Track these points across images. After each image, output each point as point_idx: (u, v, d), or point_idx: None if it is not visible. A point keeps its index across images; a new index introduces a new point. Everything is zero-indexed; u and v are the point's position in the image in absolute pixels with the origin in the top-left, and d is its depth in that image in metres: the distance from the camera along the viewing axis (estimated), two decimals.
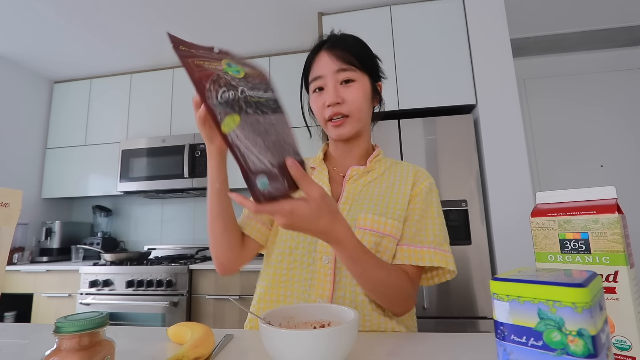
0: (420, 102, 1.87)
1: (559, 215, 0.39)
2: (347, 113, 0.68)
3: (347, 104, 0.67)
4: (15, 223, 0.43)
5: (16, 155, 2.51)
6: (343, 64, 0.67)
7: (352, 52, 0.69)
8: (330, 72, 0.68)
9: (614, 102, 2.53)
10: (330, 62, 0.68)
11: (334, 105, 0.67)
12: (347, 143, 0.74)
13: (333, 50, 0.69)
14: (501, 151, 1.72)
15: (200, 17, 2.12)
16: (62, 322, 0.35)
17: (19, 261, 2.32)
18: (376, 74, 0.74)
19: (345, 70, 0.67)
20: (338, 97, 0.67)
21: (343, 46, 0.69)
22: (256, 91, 0.43)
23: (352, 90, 0.68)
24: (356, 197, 0.70)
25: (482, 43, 1.84)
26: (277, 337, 0.41)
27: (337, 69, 0.67)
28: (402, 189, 0.71)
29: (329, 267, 0.65)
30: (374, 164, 0.74)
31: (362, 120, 0.71)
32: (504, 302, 0.29)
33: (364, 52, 0.71)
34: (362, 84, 0.69)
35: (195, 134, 2.37)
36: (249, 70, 0.45)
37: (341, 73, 0.67)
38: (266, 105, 0.43)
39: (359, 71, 0.69)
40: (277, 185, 0.43)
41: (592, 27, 2.34)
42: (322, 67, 0.69)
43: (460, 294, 1.62)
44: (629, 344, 0.34)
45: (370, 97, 0.72)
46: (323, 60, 0.69)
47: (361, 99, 0.68)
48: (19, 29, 2.17)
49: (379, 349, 0.51)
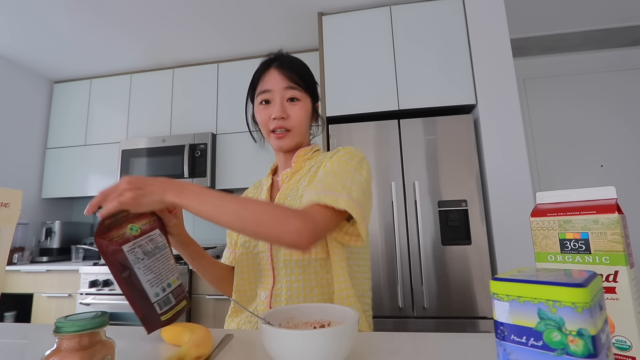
0: (420, 102, 1.87)
1: (559, 215, 0.39)
2: (290, 128, 0.75)
3: (290, 120, 0.75)
4: (15, 223, 0.43)
5: (16, 155, 2.51)
6: (291, 83, 0.74)
7: (299, 73, 0.76)
8: (279, 88, 0.74)
9: (613, 102, 2.53)
10: (280, 79, 0.74)
11: (279, 119, 0.74)
12: (288, 153, 0.81)
13: (283, 68, 0.75)
14: (501, 151, 1.72)
15: (200, 17, 2.12)
16: (62, 322, 0.35)
17: (19, 261, 2.32)
18: (316, 96, 0.82)
19: (292, 88, 0.74)
20: (284, 113, 0.74)
21: (292, 67, 0.76)
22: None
23: (297, 108, 0.75)
24: (288, 195, 0.74)
25: (482, 43, 1.84)
26: (277, 337, 0.41)
27: (285, 86, 0.74)
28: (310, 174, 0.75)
29: (269, 263, 0.72)
30: (299, 163, 0.79)
31: (301, 135, 0.78)
32: (504, 302, 0.29)
33: (308, 76, 0.79)
34: (305, 103, 0.77)
35: (196, 134, 2.37)
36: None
37: (289, 90, 0.74)
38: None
39: (304, 92, 0.76)
40: None
41: (592, 27, 2.34)
42: (272, 82, 0.75)
43: (460, 294, 1.62)
44: (629, 344, 0.34)
45: (310, 116, 0.80)
46: (273, 76, 0.75)
47: (303, 117, 0.76)
48: (19, 29, 2.17)
49: (379, 349, 0.51)
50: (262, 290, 0.71)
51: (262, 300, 0.70)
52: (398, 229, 1.69)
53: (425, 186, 1.73)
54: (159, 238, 0.61)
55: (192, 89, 2.55)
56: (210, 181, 2.31)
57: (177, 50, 2.47)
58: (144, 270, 0.56)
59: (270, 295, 0.69)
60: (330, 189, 0.62)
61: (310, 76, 0.79)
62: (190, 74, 2.58)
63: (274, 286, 0.69)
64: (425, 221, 1.70)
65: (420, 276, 1.65)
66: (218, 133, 2.44)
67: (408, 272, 1.67)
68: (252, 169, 2.31)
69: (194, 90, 2.55)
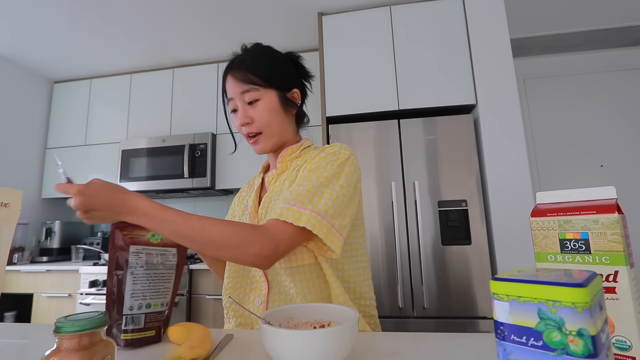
0: (420, 102, 1.87)
1: (559, 215, 0.39)
2: (258, 130, 0.73)
3: (255, 123, 0.72)
4: (15, 223, 0.43)
5: (16, 155, 2.51)
6: (245, 85, 0.71)
7: (253, 71, 0.72)
8: (237, 94, 0.72)
9: (613, 102, 2.53)
10: (235, 85, 0.72)
11: (245, 125, 0.73)
12: (275, 153, 0.79)
13: (235, 72, 0.73)
14: (501, 151, 1.72)
15: (199, 17, 2.12)
16: (62, 322, 0.35)
17: (19, 261, 2.32)
18: (286, 84, 0.75)
19: (247, 91, 0.71)
20: (247, 118, 0.72)
21: (244, 67, 0.72)
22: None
23: (258, 110, 0.72)
24: (272, 198, 0.72)
25: (482, 43, 1.84)
26: (277, 337, 0.41)
27: (240, 91, 0.72)
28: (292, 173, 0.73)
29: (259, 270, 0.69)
30: (285, 164, 0.76)
31: (276, 133, 0.74)
32: (504, 302, 0.29)
33: (266, 67, 0.74)
34: (266, 99, 0.72)
35: (196, 134, 2.37)
36: None
37: (245, 94, 0.72)
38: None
39: (262, 88, 0.72)
40: None
41: (592, 27, 2.34)
42: (230, 90, 0.74)
43: (460, 294, 1.62)
44: (629, 344, 0.34)
45: (281, 109, 0.74)
46: (230, 84, 0.74)
47: (267, 116, 0.72)
48: (19, 29, 2.17)
49: (379, 349, 0.51)
50: (256, 296, 0.69)
51: (256, 307, 0.68)
52: (398, 229, 1.69)
53: (425, 186, 1.73)
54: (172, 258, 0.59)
55: (192, 89, 2.55)
56: (210, 181, 2.31)
57: (177, 50, 2.47)
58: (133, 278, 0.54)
59: (266, 301, 0.67)
60: (296, 202, 0.59)
61: (269, 67, 0.74)
62: (190, 74, 2.58)
63: (269, 292, 0.67)
64: (425, 221, 1.70)
65: (420, 276, 1.65)
66: (218, 133, 2.44)
67: (408, 272, 1.67)
68: (252, 169, 2.31)
69: (194, 90, 2.55)
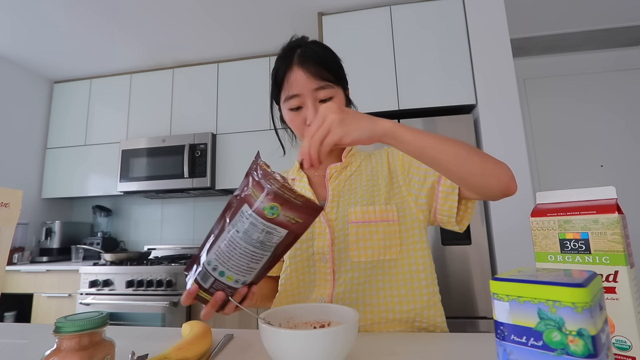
0: (420, 102, 1.87)
1: (559, 215, 0.39)
2: None
3: None
4: (15, 223, 0.43)
5: (16, 155, 2.51)
6: (320, 82, 0.66)
7: (326, 66, 0.67)
8: (308, 91, 0.66)
9: (614, 102, 2.53)
10: (307, 80, 0.65)
11: None
12: None
13: (307, 66, 0.66)
14: (501, 151, 1.71)
15: (199, 17, 2.12)
16: (62, 322, 0.35)
17: (19, 261, 2.32)
18: (346, 82, 0.73)
19: (323, 88, 0.66)
20: None
21: (317, 61, 0.66)
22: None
23: None
24: (341, 193, 0.71)
25: (482, 43, 1.84)
26: (277, 337, 0.41)
27: (315, 87, 0.66)
28: (382, 173, 0.72)
29: (328, 267, 0.67)
30: (349, 158, 0.75)
31: None
32: (504, 302, 0.29)
33: (336, 63, 0.70)
34: (339, 98, 0.69)
35: (196, 134, 2.37)
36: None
37: (320, 91, 0.66)
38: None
39: (335, 86, 0.68)
40: None
41: (592, 27, 2.34)
42: (299, 85, 0.66)
43: (460, 294, 1.61)
44: (629, 344, 0.34)
45: None
46: (299, 78, 0.66)
47: None
48: (19, 29, 2.17)
49: (379, 349, 0.51)
50: (318, 295, 0.67)
51: None
52: None
53: None
54: (276, 239, 0.46)
55: (192, 89, 2.55)
56: (210, 181, 2.31)
57: (176, 50, 2.47)
58: (227, 236, 0.47)
59: (330, 300, 0.65)
60: None
61: (338, 63, 0.71)
62: (190, 74, 2.58)
63: (333, 290, 0.65)
64: None
65: None
66: (218, 133, 2.44)
67: None
68: None
69: (194, 90, 2.55)
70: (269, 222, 0.45)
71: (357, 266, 0.65)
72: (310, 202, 0.46)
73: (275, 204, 0.44)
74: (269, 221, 0.45)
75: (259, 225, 0.45)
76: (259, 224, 0.45)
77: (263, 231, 0.45)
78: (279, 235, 0.46)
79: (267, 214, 0.44)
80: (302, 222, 0.46)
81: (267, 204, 0.44)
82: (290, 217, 0.45)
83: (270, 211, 0.44)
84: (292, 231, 0.47)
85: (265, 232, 0.45)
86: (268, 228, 0.45)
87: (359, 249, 0.65)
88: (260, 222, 0.45)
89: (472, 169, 0.51)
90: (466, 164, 0.51)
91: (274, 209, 0.45)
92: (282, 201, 0.44)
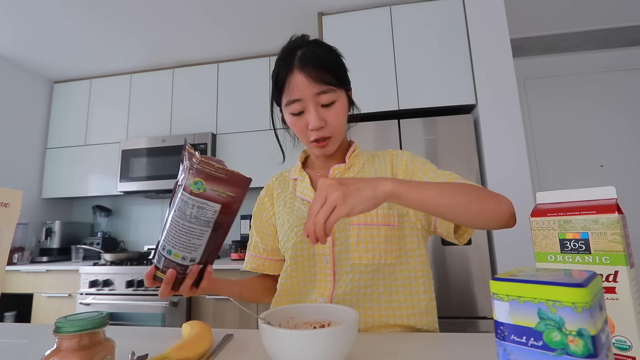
0: (420, 102, 1.87)
1: (559, 215, 0.39)
2: (330, 134, 0.68)
3: (329, 126, 0.67)
4: (15, 223, 0.43)
5: (16, 155, 2.51)
6: (322, 86, 0.64)
7: (328, 69, 0.65)
8: (310, 96, 0.64)
9: (614, 102, 2.53)
10: (309, 85, 0.63)
11: (318, 130, 0.66)
12: None
13: (308, 69, 0.63)
14: (501, 151, 1.71)
15: (199, 18, 2.12)
16: (62, 322, 0.35)
17: (19, 261, 2.32)
18: (348, 83, 0.71)
19: (325, 92, 0.64)
20: (322, 122, 0.66)
21: (318, 64, 0.64)
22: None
23: (334, 112, 0.66)
24: None
25: (482, 43, 1.84)
26: (277, 337, 0.41)
27: (316, 92, 0.64)
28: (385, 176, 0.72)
29: (329, 267, 0.67)
30: (352, 159, 0.76)
31: (342, 134, 0.73)
32: (504, 302, 0.29)
33: (339, 65, 0.68)
34: (341, 101, 0.68)
35: (196, 134, 2.37)
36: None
37: (322, 96, 0.64)
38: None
39: (338, 89, 0.66)
40: None
41: (592, 27, 2.34)
42: (300, 90, 0.64)
43: (460, 294, 1.61)
44: (629, 344, 0.34)
45: (348, 110, 0.72)
46: (300, 82, 0.64)
47: (342, 119, 0.69)
48: (19, 28, 2.17)
49: (379, 349, 0.51)
50: (319, 295, 0.67)
51: None
52: None
53: None
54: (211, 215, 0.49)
55: (192, 89, 2.55)
56: None
57: (177, 50, 2.47)
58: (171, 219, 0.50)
59: (330, 301, 0.65)
60: None
61: (340, 65, 0.69)
62: (190, 74, 2.58)
63: (334, 291, 0.66)
64: None
65: None
66: (218, 133, 2.44)
67: None
68: (252, 169, 2.31)
69: (194, 90, 2.55)
70: (197, 196, 0.48)
71: (357, 268, 0.66)
72: (235, 175, 0.48)
73: (199, 179, 0.48)
74: (197, 196, 0.48)
75: (189, 201, 0.48)
76: (189, 200, 0.48)
77: (194, 206, 0.48)
78: (212, 209, 0.49)
79: (194, 189, 0.48)
80: (234, 196, 0.49)
81: (192, 180, 0.48)
82: (219, 191, 0.48)
83: (195, 186, 0.48)
84: (226, 205, 0.49)
85: (196, 207, 0.48)
86: (198, 203, 0.48)
87: (359, 250, 0.66)
88: (189, 198, 0.48)
89: (472, 214, 0.53)
90: (466, 212, 0.53)
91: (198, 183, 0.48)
92: (205, 176, 0.48)
